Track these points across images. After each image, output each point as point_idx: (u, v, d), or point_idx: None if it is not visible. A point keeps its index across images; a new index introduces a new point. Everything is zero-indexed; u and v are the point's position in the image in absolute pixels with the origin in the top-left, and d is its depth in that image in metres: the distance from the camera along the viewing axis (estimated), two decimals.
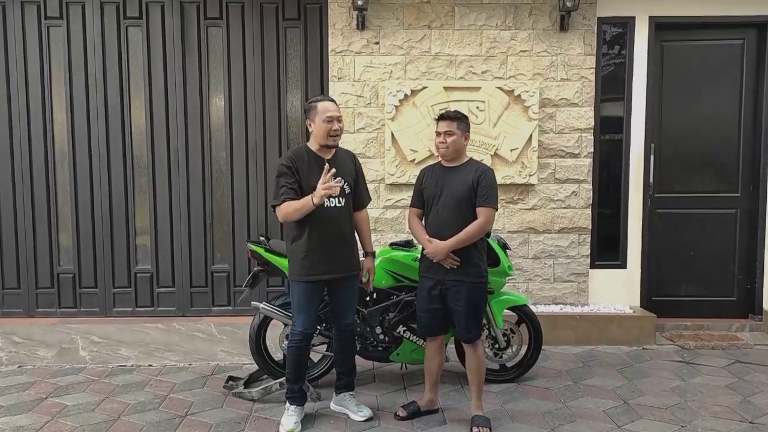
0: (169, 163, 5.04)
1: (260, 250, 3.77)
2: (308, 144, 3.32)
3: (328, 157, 3.28)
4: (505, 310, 3.90)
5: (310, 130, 3.29)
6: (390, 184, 4.86)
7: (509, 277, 3.87)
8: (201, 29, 4.97)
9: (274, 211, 3.23)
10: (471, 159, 3.42)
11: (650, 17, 4.88)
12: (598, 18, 4.84)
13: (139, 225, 5.11)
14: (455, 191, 3.27)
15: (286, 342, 3.76)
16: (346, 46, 4.81)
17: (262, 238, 3.83)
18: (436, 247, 3.25)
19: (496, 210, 3.30)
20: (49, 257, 5.08)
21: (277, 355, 3.96)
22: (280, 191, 3.19)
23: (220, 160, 5.09)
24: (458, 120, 3.32)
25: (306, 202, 3.08)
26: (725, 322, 5.09)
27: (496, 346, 3.93)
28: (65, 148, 5.00)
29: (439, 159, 3.45)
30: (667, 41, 5.00)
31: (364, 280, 3.46)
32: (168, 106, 4.99)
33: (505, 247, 3.86)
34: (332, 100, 3.31)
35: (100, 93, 4.95)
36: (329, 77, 4.85)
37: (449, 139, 3.30)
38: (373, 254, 3.52)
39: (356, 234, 3.44)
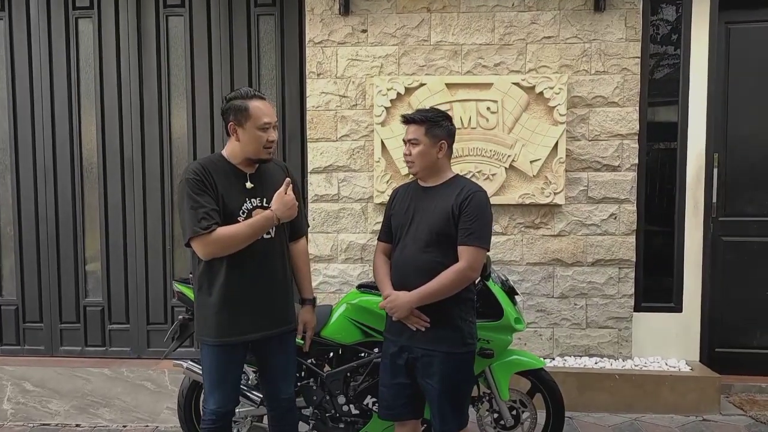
0: (123, 177, 4.28)
1: (190, 292, 2.91)
2: (223, 153, 2.44)
3: (251, 171, 2.41)
4: (517, 375, 2.91)
5: (231, 135, 2.38)
6: (380, 204, 3.94)
7: (517, 333, 2.89)
8: (160, 19, 4.21)
9: (189, 245, 2.36)
10: (457, 176, 2.46)
11: None
12: None
13: (90, 251, 4.36)
14: (428, 221, 2.33)
15: None
16: (326, 36, 3.93)
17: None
18: (395, 300, 2.32)
19: (487, 251, 2.33)
20: None
21: None
22: (199, 215, 2.29)
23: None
24: (426, 123, 2.37)
25: (263, 223, 2.30)
26: None
27: (501, 423, 2.94)
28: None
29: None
30: (735, 23, 3.92)
31: (299, 340, 2.55)
32: (122, 111, 4.24)
33: (511, 292, 2.87)
34: (264, 98, 2.42)
35: (47, 98, 4.25)
36: (307, 73, 3.98)
37: (414, 151, 2.37)
38: (313, 302, 2.62)
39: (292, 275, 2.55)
